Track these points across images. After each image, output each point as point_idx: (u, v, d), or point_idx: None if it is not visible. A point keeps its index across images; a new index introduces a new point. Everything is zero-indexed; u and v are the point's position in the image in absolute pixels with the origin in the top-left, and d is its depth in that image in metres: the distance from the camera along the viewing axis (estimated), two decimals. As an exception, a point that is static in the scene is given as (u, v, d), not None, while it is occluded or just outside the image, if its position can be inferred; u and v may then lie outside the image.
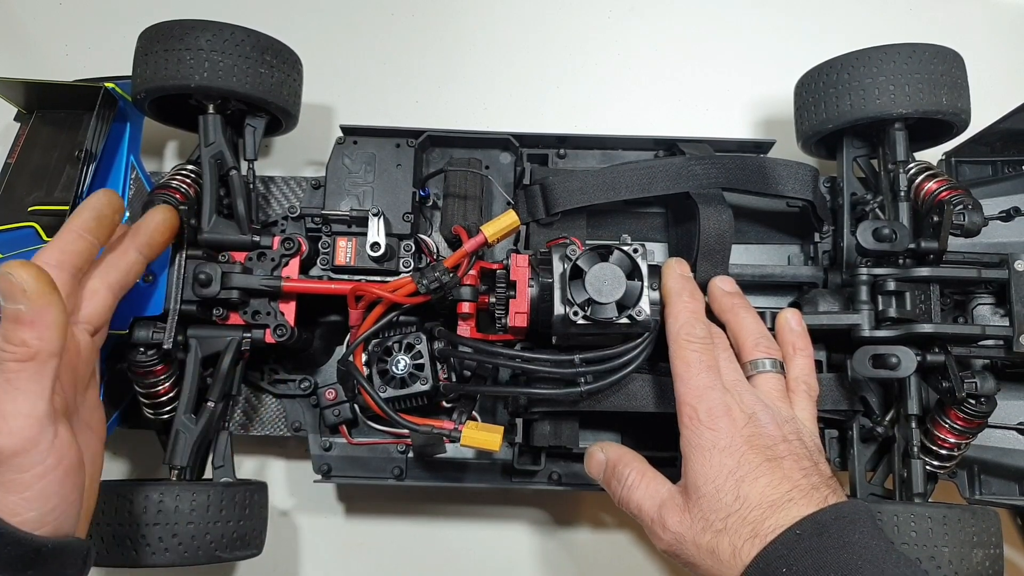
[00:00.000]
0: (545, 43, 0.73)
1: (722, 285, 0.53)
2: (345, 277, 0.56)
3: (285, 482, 0.65)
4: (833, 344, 0.56)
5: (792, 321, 0.51)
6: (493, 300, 0.53)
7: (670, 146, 0.61)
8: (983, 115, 0.58)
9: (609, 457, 0.49)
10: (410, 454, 0.59)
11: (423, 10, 0.74)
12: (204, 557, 0.50)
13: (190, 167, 0.59)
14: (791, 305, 0.59)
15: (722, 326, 0.51)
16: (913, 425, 0.54)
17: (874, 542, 0.40)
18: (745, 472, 0.43)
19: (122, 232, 0.50)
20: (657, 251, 0.61)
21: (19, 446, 0.38)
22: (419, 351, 0.54)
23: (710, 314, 0.51)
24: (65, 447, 0.40)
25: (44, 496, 0.39)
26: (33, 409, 0.39)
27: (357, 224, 0.57)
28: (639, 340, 0.50)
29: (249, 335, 0.55)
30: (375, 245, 0.55)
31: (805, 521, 0.41)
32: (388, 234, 0.56)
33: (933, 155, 0.63)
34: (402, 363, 0.54)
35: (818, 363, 0.55)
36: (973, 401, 0.52)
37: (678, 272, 0.52)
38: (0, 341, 0.39)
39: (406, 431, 0.52)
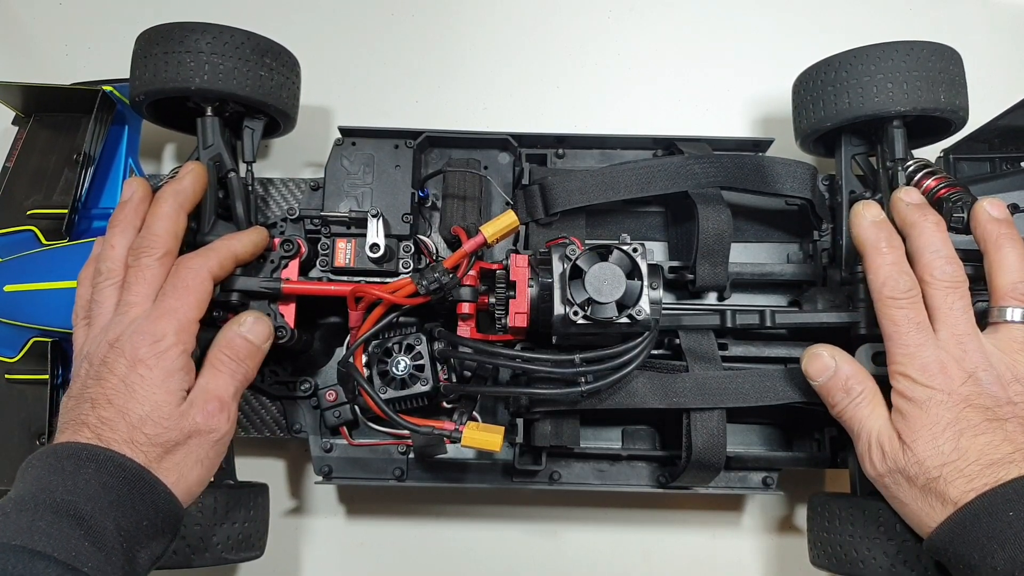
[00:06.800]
0: (545, 43, 0.73)
1: (990, 209, 0.48)
2: (345, 278, 0.56)
3: (286, 484, 0.65)
4: (833, 342, 0.56)
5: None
6: (493, 300, 0.53)
7: (668, 145, 0.61)
8: (981, 112, 0.58)
9: (841, 368, 0.48)
10: (411, 455, 0.59)
11: (423, 10, 0.74)
12: (211, 559, 0.50)
13: (189, 169, 0.59)
14: (790, 304, 0.59)
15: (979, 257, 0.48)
16: (913, 422, 0.54)
17: None
18: (965, 427, 0.44)
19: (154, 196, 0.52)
20: (656, 250, 0.61)
21: (232, 432, 0.48)
22: (419, 352, 0.54)
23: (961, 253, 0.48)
24: None
25: (210, 476, 0.48)
26: (236, 408, 0.49)
27: (356, 225, 0.56)
28: (639, 339, 0.50)
29: (249, 337, 0.55)
30: (374, 246, 0.55)
31: None
32: (387, 235, 0.56)
33: (931, 152, 0.63)
34: (402, 364, 0.54)
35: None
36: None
37: (869, 219, 0.49)
38: (237, 355, 0.48)
39: (407, 432, 0.52)
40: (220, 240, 0.52)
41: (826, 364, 0.49)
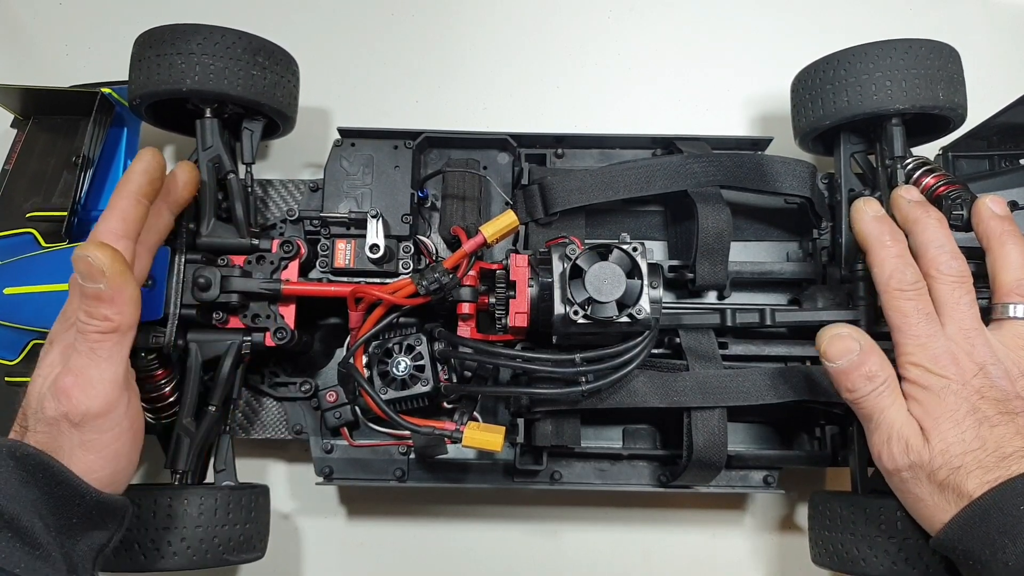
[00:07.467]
0: (545, 43, 0.73)
1: (992, 206, 0.48)
2: (344, 279, 0.56)
3: (287, 485, 0.65)
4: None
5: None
6: (493, 300, 0.53)
7: (668, 144, 0.61)
8: (981, 111, 0.58)
9: (867, 353, 0.46)
10: (412, 455, 0.59)
11: (423, 10, 0.74)
12: (212, 560, 0.50)
13: (188, 171, 0.59)
14: (790, 302, 0.59)
15: (982, 254, 0.48)
16: (914, 420, 0.54)
17: None
18: (982, 417, 0.44)
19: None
20: (656, 249, 0.61)
21: (103, 409, 0.43)
22: (419, 352, 0.54)
23: (965, 249, 0.48)
24: (135, 412, 0.45)
25: (116, 456, 0.44)
26: (115, 376, 0.43)
27: (356, 226, 0.56)
28: (640, 338, 0.50)
29: (249, 338, 0.55)
30: (374, 247, 0.55)
31: None
32: (387, 236, 0.56)
33: (930, 150, 0.63)
34: (403, 364, 0.54)
35: (817, 359, 0.55)
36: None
37: (870, 214, 0.50)
38: (84, 316, 0.43)
39: (407, 433, 0.52)
40: (113, 194, 0.48)
41: (849, 347, 0.46)
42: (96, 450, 0.43)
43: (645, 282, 0.49)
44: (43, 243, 0.59)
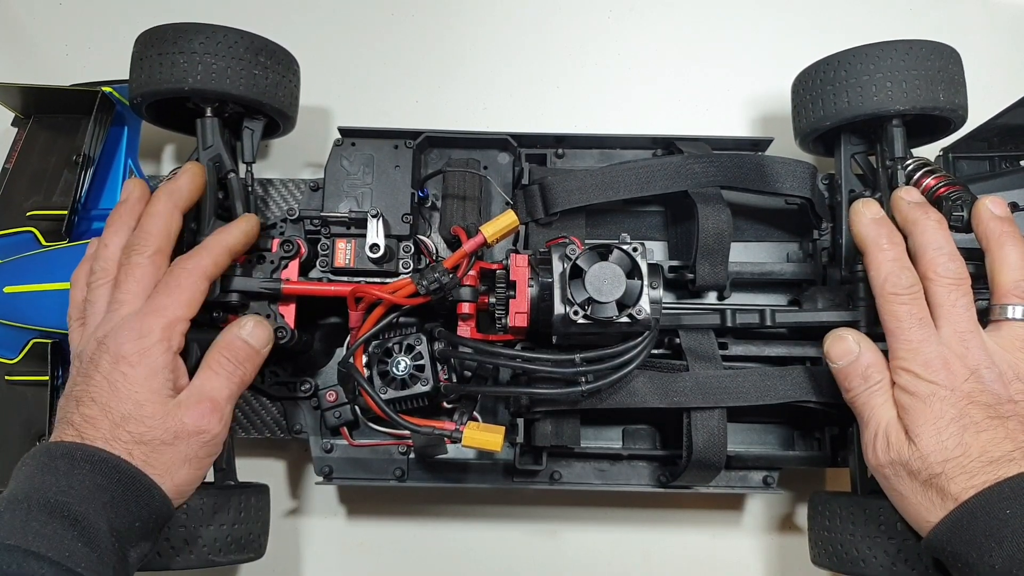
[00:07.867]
0: (545, 43, 0.73)
1: (992, 207, 0.48)
2: (345, 279, 0.56)
3: (287, 485, 0.65)
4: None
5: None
6: (493, 300, 0.53)
7: (668, 144, 0.61)
8: (981, 112, 0.58)
9: (863, 354, 0.48)
10: (411, 455, 0.59)
11: (423, 10, 0.74)
12: (212, 560, 0.50)
13: (188, 170, 0.59)
14: (790, 303, 0.59)
15: (982, 255, 0.48)
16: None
17: None
18: (968, 423, 0.44)
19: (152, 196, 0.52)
20: (656, 250, 0.61)
21: (224, 433, 0.47)
22: (419, 352, 0.54)
23: (962, 250, 0.48)
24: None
25: (202, 476, 0.47)
26: (232, 408, 0.48)
27: (356, 226, 0.56)
28: (639, 339, 0.50)
29: (249, 338, 0.55)
30: (374, 246, 0.55)
31: None
32: (387, 235, 0.56)
33: (930, 151, 0.63)
34: (402, 364, 0.54)
35: (817, 359, 0.56)
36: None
37: (869, 216, 0.50)
38: (235, 358, 0.48)
39: (407, 432, 0.52)
40: (212, 236, 0.51)
41: (849, 348, 0.48)
42: (198, 467, 0.46)
43: (645, 282, 0.49)
44: (43, 242, 0.59)
